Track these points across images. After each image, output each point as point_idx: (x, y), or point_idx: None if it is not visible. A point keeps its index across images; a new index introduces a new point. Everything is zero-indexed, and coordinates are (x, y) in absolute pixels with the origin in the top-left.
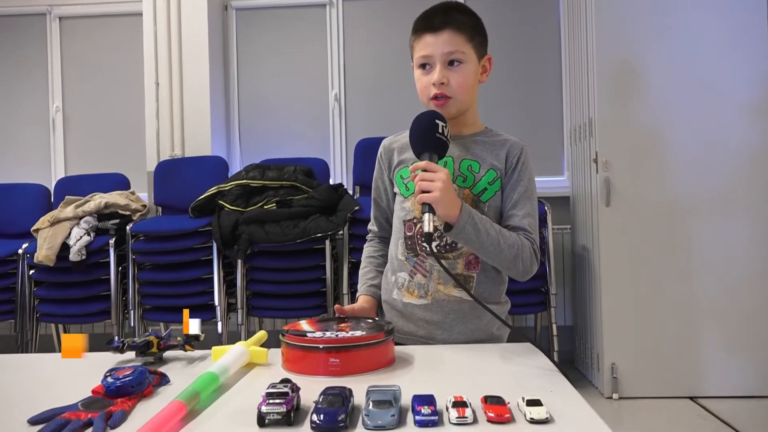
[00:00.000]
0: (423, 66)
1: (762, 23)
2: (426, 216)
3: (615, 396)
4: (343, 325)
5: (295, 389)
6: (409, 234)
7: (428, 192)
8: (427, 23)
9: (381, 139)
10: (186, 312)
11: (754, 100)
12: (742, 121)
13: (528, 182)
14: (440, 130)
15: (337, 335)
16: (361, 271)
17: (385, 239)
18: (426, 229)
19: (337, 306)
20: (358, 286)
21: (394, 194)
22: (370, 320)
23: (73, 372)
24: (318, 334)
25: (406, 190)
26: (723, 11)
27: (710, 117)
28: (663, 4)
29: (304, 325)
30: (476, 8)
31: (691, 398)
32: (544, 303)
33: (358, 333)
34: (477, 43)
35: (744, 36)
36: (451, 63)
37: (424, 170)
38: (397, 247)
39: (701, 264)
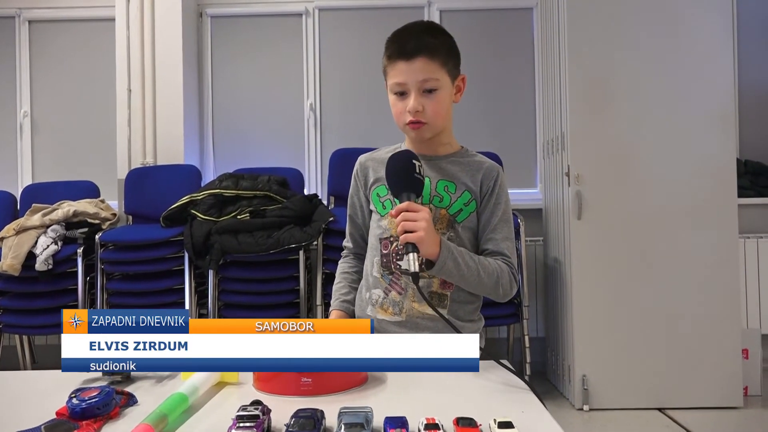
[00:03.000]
0: (397, 92)
1: (728, 40)
2: (411, 256)
3: (585, 407)
4: None
5: (266, 411)
6: (385, 252)
7: (412, 232)
8: (400, 49)
9: (356, 150)
10: None
11: (720, 114)
12: (708, 135)
13: (505, 205)
14: (417, 170)
15: None
16: (335, 287)
17: (360, 256)
18: (413, 269)
19: None
20: (332, 301)
21: (370, 211)
22: None
23: (36, 391)
24: None
25: (383, 209)
26: (690, 27)
27: (678, 131)
28: (632, 21)
29: None
30: (450, 25)
31: (660, 409)
32: (516, 315)
33: None
34: (451, 66)
35: (710, 52)
36: (426, 90)
37: (406, 210)
38: (372, 265)
39: (671, 276)
